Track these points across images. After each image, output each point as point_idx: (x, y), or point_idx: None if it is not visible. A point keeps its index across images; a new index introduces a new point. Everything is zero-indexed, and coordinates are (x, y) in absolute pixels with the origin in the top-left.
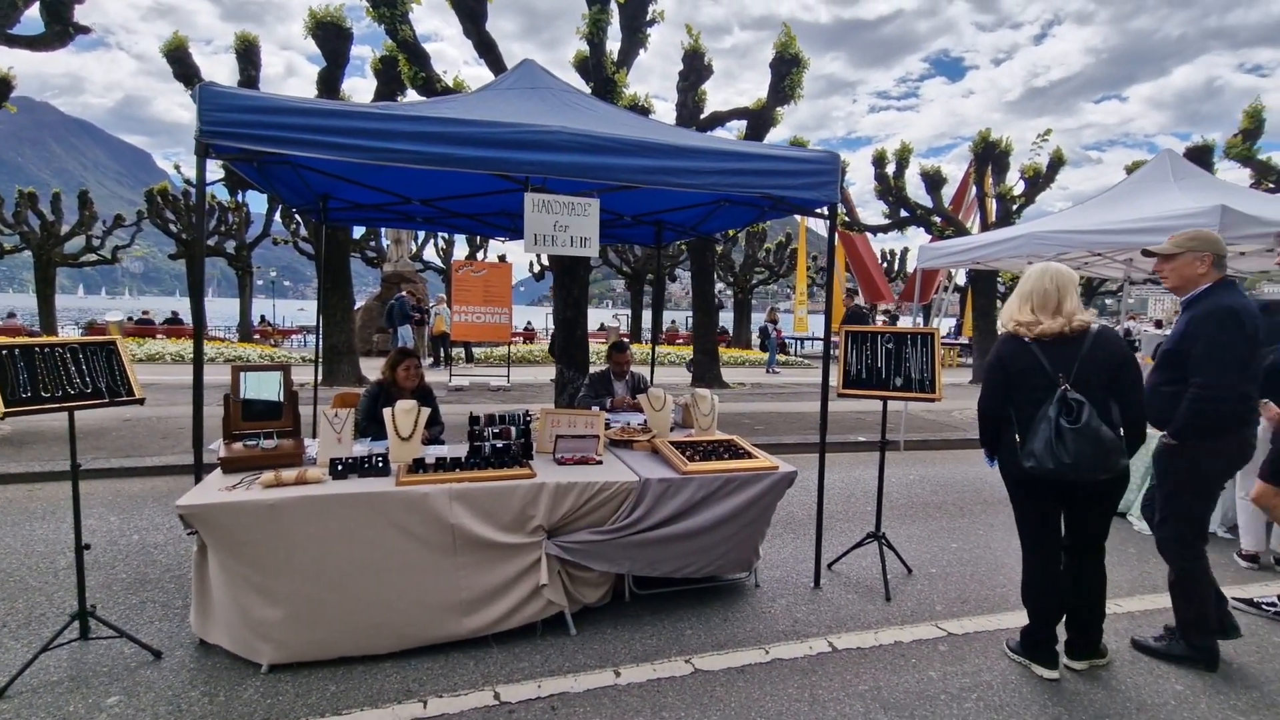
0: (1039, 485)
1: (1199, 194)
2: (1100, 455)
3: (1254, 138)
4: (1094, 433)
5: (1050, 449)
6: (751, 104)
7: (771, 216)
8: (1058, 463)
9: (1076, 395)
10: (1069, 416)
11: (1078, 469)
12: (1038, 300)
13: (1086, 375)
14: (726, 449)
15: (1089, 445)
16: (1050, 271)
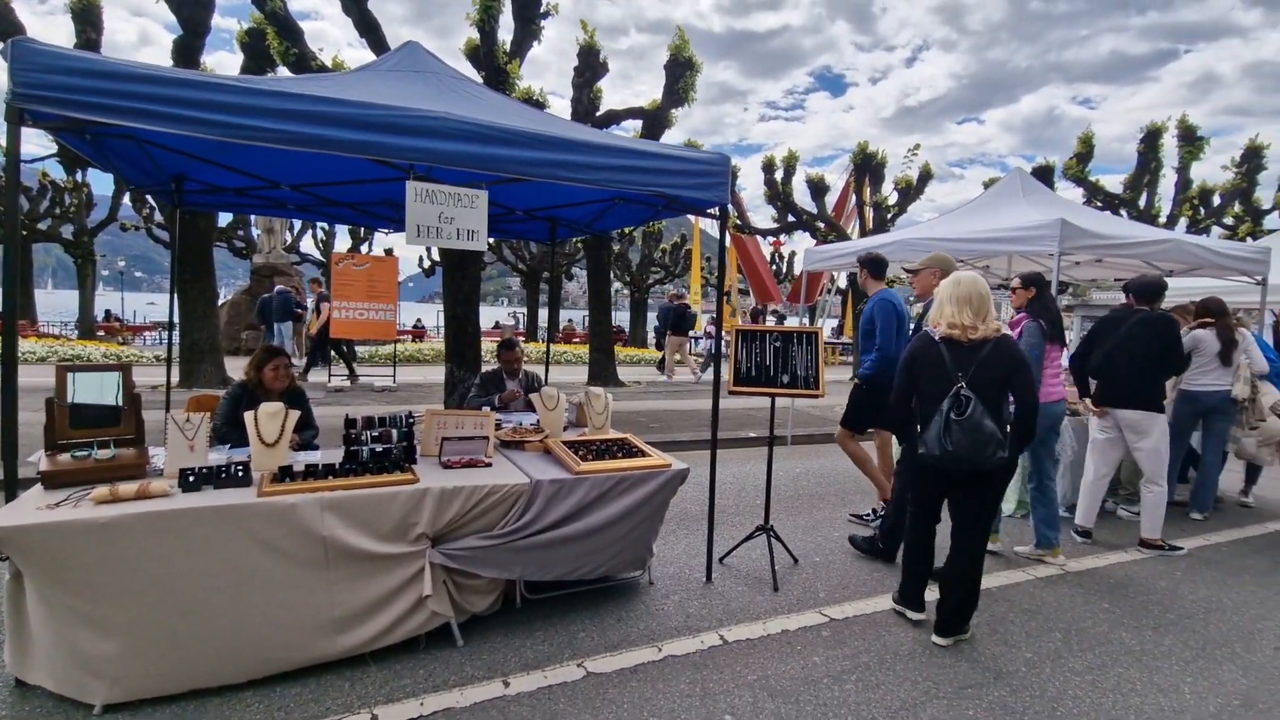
0: (930, 470)
1: (1043, 209)
2: (978, 446)
3: (1086, 161)
4: (976, 425)
5: (939, 438)
6: (647, 104)
7: (665, 215)
8: (943, 450)
9: (968, 393)
10: (958, 410)
11: (957, 458)
12: (974, 307)
13: (983, 376)
14: (620, 448)
15: (969, 437)
16: (981, 282)
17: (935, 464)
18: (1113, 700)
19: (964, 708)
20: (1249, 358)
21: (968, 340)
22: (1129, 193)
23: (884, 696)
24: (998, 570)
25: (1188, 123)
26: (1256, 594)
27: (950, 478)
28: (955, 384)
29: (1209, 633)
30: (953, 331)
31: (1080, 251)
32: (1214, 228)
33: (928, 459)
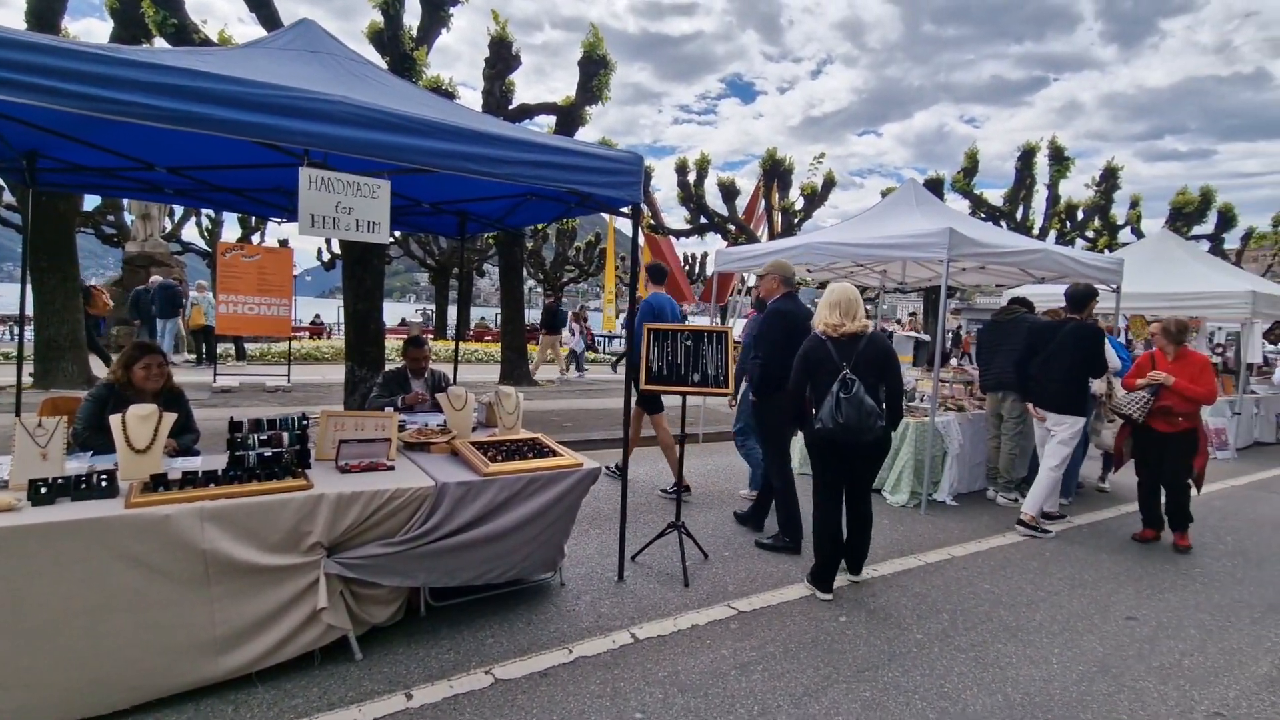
0: (827, 446)
1: (934, 218)
2: (863, 417)
3: (971, 175)
4: (860, 401)
5: (831, 413)
6: (561, 101)
7: (578, 213)
8: (835, 423)
9: (852, 376)
10: (845, 390)
11: (847, 429)
12: (846, 311)
13: (862, 364)
14: (531, 448)
15: (855, 410)
16: (850, 289)
17: (829, 436)
18: (992, 674)
19: (861, 690)
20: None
21: (844, 336)
22: (1008, 205)
23: (788, 684)
24: (892, 558)
25: (1057, 144)
26: (1112, 570)
27: (842, 451)
28: (843, 371)
29: (1073, 607)
30: (829, 330)
31: (965, 259)
32: (1078, 240)
33: (823, 433)
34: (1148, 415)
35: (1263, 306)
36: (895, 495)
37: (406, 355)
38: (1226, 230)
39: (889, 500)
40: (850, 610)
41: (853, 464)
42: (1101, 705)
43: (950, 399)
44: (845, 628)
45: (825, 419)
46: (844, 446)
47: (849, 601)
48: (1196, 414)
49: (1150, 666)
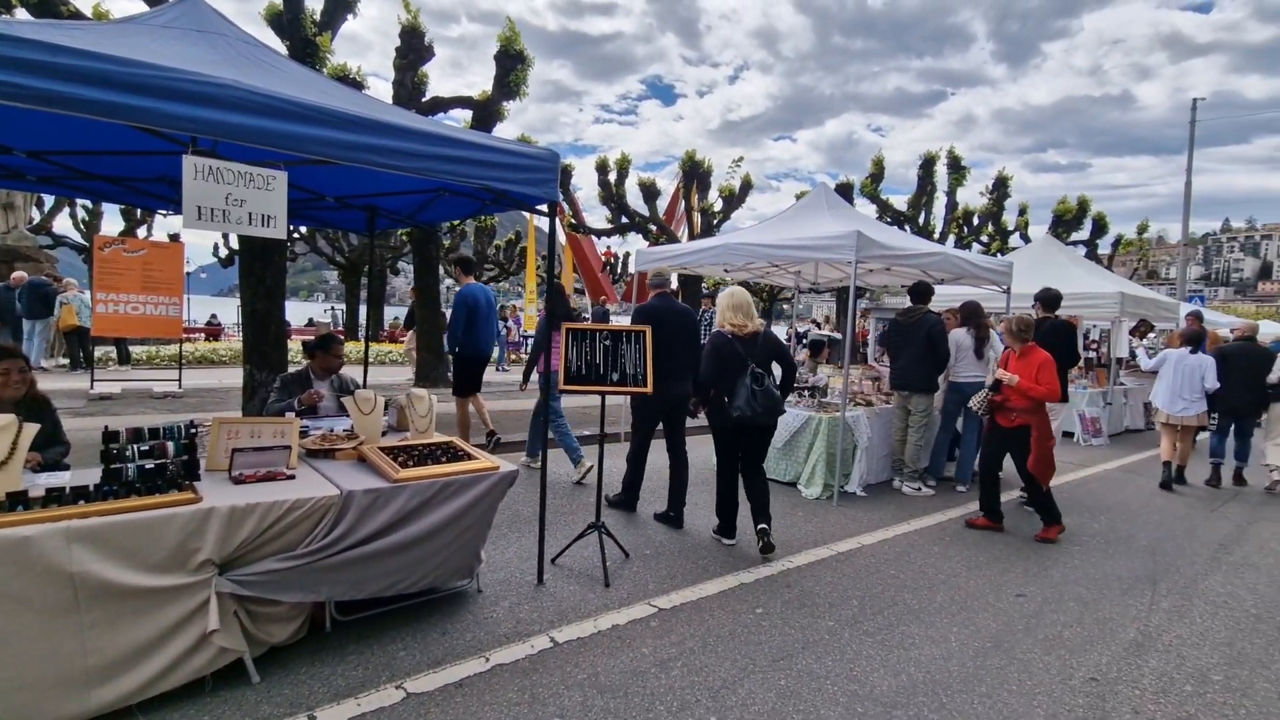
0: (735, 429)
1: (844, 221)
2: (773, 405)
3: (878, 181)
4: (771, 393)
5: (748, 403)
6: (477, 95)
7: (493, 210)
8: (753, 411)
9: (759, 370)
10: (758, 383)
11: (760, 415)
12: (746, 312)
13: (761, 357)
14: (445, 452)
15: (769, 400)
16: (746, 293)
17: (743, 421)
18: (897, 655)
19: (777, 679)
20: (995, 352)
21: (745, 334)
22: (912, 211)
23: (707, 678)
24: (806, 549)
25: (955, 154)
26: (1004, 551)
27: (746, 431)
28: (749, 365)
29: (970, 587)
30: (733, 329)
31: (872, 260)
32: (974, 244)
33: (740, 418)
34: (991, 410)
35: (1129, 306)
36: (809, 489)
37: (316, 355)
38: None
39: (804, 493)
40: (767, 602)
41: (755, 441)
42: (994, 678)
43: (859, 395)
44: (762, 619)
45: (742, 407)
46: (754, 428)
47: (765, 593)
48: (1035, 411)
49: (1036, 639)
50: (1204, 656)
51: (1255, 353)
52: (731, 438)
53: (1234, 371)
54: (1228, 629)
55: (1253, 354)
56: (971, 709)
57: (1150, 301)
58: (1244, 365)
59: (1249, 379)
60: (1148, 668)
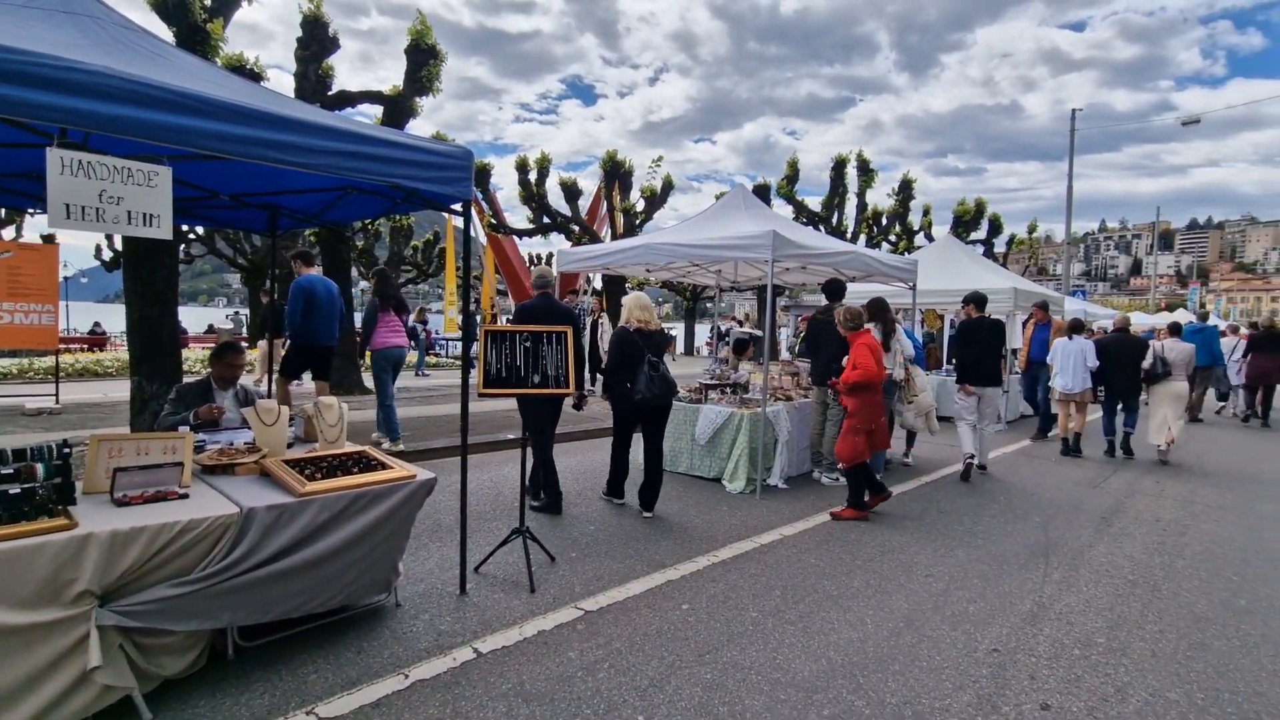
0: (636, 409)
1: (760, 222)
2: (669, 388)
3: (793, 183)
4: (667, 378)
5: (649, 386)
6: (388, 90)
7: (404, 209)
8: (653, 393)
9: (655, 359)
10: (654, 370)
11: (659, 396)
12: (650, 311)
13: (656, 348)
14: (356, 462)
15: (664, 383)
16: (646, 298)
17: (643, 403)
18: (818, 641)
19: (703, 673)
20: (902, 345)
21: (647, 330)
22: (825, 211)
23: (634, 678)
24: (731, 543)
25: (863, 157)
26: (915, 536)
27: (644, 412)
28: (647, 355)
29: (883, 570)
30: (639, 325)
31: (788, 259)
32: (884, 243)
33: (641, 400)
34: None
35: (1021, 301)
36: (733, 483)
37: (220, 362)
38: (995, 236)
39: (728, 488)
40: (693, 598)
41: (655, 420)
42: (906, 656)
43: (779, 390)
44: (688, 615)
45: (644, 390)
46: (653, 408)
47: (691, 589)
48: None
49: (944, 616)
50: (1090, 622)
51: (1129, 343)
52: (634, 416)
53: (1113, 359)
54: (1109, 595)
55: (1126, 344)
56: (886, 687)
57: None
58: (1121, 354)
59: (1127, 366)
60: (1042, 636)
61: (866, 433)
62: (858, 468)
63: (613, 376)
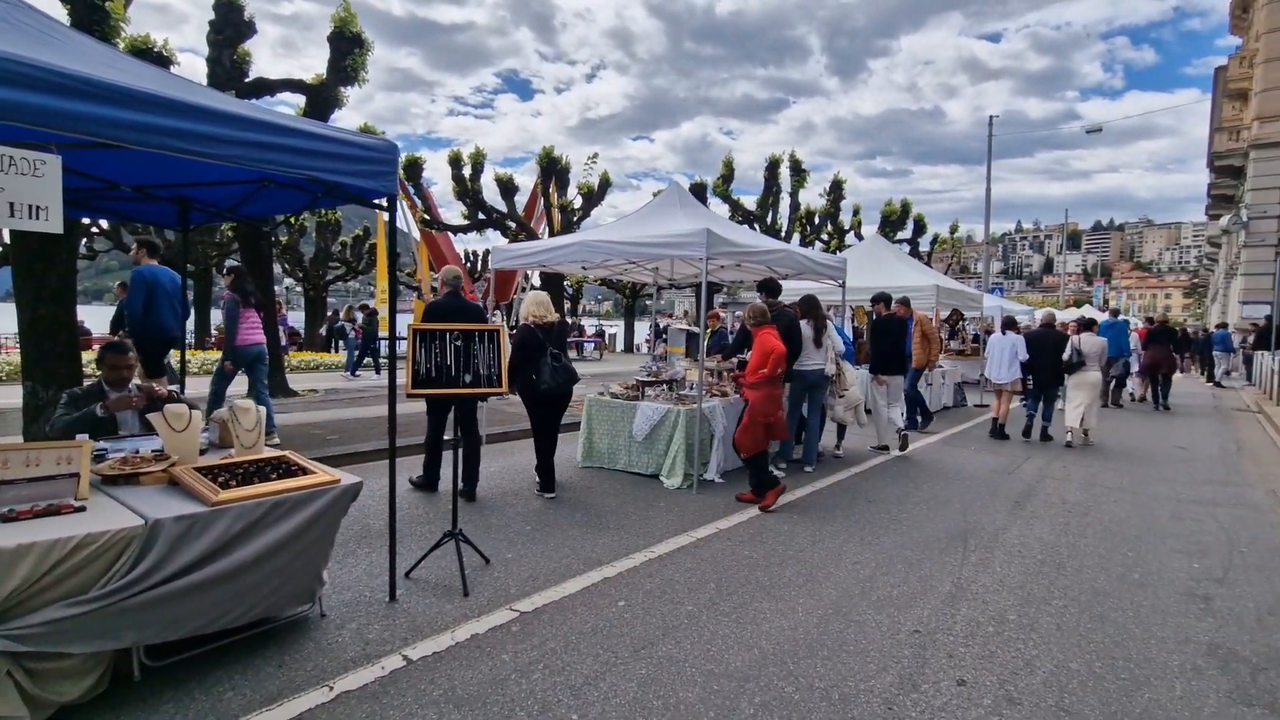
0: (542, 398)
1: (695, 220)
2: (570, 376)
3: (729, 182)
4: (566, 367)
5: (552, 376)
6: (311, 79)
7: (326, 204)
8: (556, 382)
9: (556, 351)
10: (556, 361)
11: (561, 385)
12: (546, 307)
13: (556, 340)
14: (276, 468)
15: (566, 373)
16: (545, 294)
17: (549, 391)
18: (750, 631)
19: (638, 669)
20: (832, 341)
21: (544, 324)
22: (760, 210)
23: (569, 677)
24: (667, 538)
25: (796, 158)
26: (844, 525)
27: (550, 400)
28: (548, 348)
29: (813, 560)
30: (536, 320)
31: (722, 257)
32: (817, 242)
33: (546, 389)
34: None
35: (943, 298)
36: (670, 479)
37: (103, 365)
38: (920, 235)
39: (665, 484)
40: (629, 594)
41: (555, 407)
42: (834, 641)
43: (715, 385)
44: (624, 611)
45: (548, 380)
46: (555, 397)
47: (628, 585)
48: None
49: (870, 601)
50: (1003, 600)
51: (1051, 337)
52: (541, 406)
53: (1039, 352)
54: (1020, 574)
55: (1048, 338)
56: (815, 672)
57: (960, 293)
58: (1045, 347)
59: (1050, 357)
60: (960, 616)
61: (765, 425)
62: (757, 457)
63: (518, 372)
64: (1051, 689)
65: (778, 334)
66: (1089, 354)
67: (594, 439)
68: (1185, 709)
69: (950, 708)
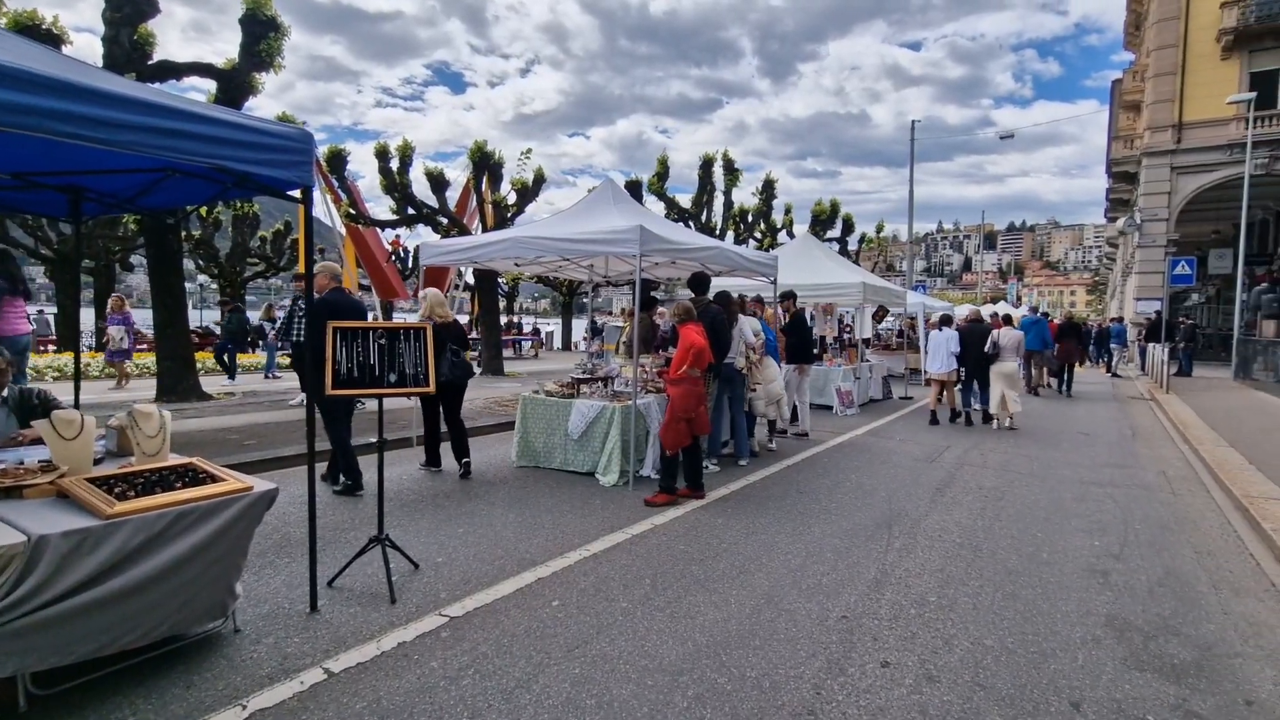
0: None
1: (629, 217)
2: (465, 370)
3: (664, 180)
4: (462, 362)
5: (450, 370)
6: (222, 63)
7: (236, 195)
8: (454, 375)
9: (455, 346)
10: (455, 357)
11: (458, 378)
12: (444, 306)
13: (454, 337)
14: (181, 476)
15: (462, 368)
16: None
17: (446, 384)
18: (684, 625)
19: (572, 668)
20: (742, 334)
21: (444, 322)
22: (695, 208)
23: (500, 681)
24: (603, 536)
25: (729, 157)
26: (776, 517)
27: (447, 391)
28: (448, 344)
29: (747, 552)
30: (439, 318)
31: (656, 254)
32: (750, 240)
33: (444, 381)
34: None
35: (870, 295)
36: (606, 476)
37: None
38: (849, 234)
39: (601, 482)
40: (563, 593)
41: (452, 397)
42: (766, 630)
43: (649, 382)
44: (558, 611)
45: (445, 373)
46: (451, 388)
47: (562, 585)
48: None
49: (801, 589)
50: (924, 583)
51: (978, 330)
52: (436, 396)
53: (969, 344)
54: (940, 558)
55: (975, 331)
56: (747, 661)
57: (885, 290)
58: (973, 339)
59: (977, 349)
60: (884, 600)
61: (687, 420)
62: (674, 455)
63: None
64: (968, 665)
65: (702, 330)
66: (1005, 346)
67: (529, 437)
68: (1086, 677)
69: (875, 689)
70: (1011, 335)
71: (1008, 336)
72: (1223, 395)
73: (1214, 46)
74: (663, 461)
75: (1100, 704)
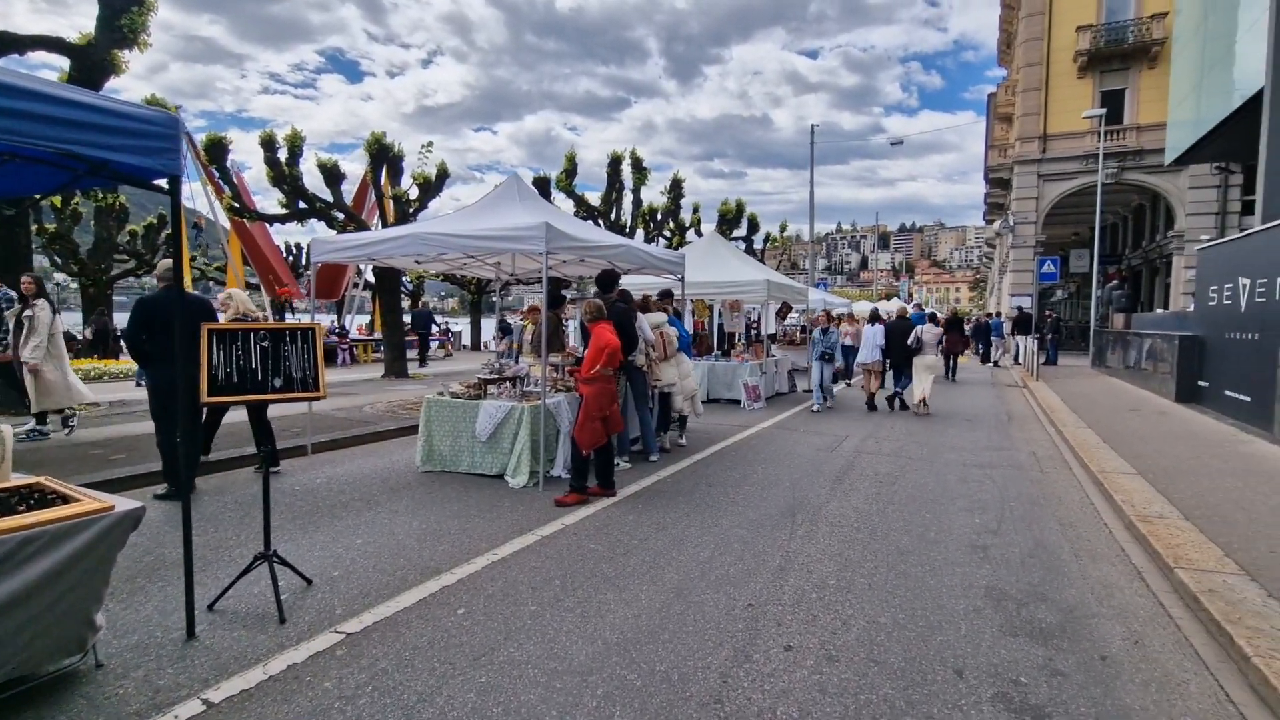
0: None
1: (534, 213)
2: None
3: (572, 177)
4: None
5: None
6: (77, 38)
7: (91, 184)
8: None
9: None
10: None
11: None
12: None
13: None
14: (26, 498)
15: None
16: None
17: None
18: (594, 623)
19: (478, 677)
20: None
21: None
22: (604, 206)
23: (401, 697)
24: (511, 539)
25: (637, 156)
26: (686, 510)
27: None
28: None
29: (657, 547)
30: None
31: (563, 251)
32: (659, 238)
33: None
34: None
35: (774, 292)
36: (516, 478)
37: None
38: (754, 234)
39: (511, 484)
40: (469, 600)
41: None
42: (675, 624)
43: (559, 381)
44: (463, 619)
45: None
46: None
47: (469, 591)
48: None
49: (709, 581)
50: (824, 568)
51: (901, 326)
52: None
53: (893, 337)
54: (840, 543)
55: (898, 326)
56: (657, 655)
57: (789, 288)
58: (898, 334)
59: (900, 342)
60: (788, 586)
61: (602, 419)
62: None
63: None
64: (864, 643)
65: (612, 329)
66: (926, 341)
67: (434, 441)
68: (969, 645)
69: (778, 673)
70: (933, 331)
71: (930, 333)
72: (1083, 381)
73: (1072, 66)
74: (574, 461)
75: (980, 670)
